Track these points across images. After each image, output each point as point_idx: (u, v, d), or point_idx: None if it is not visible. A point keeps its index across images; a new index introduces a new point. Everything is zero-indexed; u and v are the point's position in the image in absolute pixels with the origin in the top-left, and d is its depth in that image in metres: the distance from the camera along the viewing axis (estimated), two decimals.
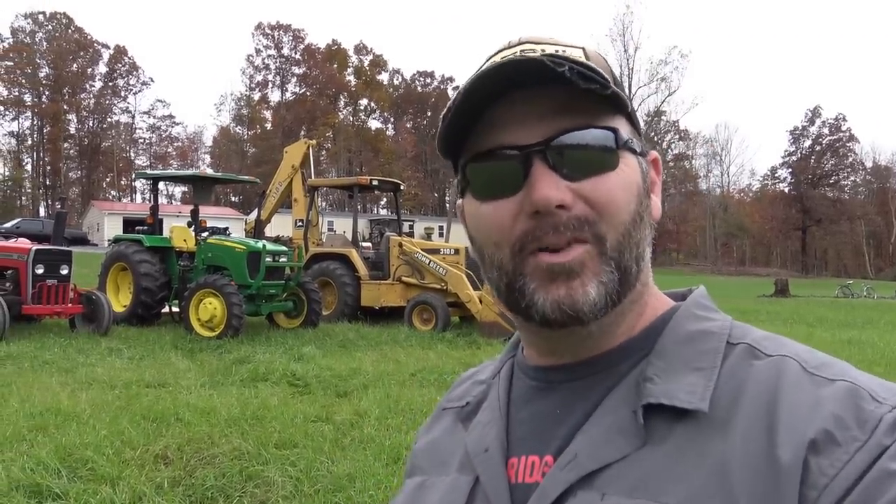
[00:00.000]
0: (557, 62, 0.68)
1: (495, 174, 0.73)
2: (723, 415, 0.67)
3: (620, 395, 0.72)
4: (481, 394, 0.86)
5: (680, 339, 0.74)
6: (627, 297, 0.74)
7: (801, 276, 72.38)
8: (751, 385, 0.68)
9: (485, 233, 0.75)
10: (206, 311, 11.35)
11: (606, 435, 0.69)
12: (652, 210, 0.78)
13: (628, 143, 0.74)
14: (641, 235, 0.74)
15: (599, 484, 0.67)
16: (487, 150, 0.74)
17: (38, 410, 6.03)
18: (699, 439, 0.66)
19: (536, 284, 0.71)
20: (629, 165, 0.74)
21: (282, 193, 17.02)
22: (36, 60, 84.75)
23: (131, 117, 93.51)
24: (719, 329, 0.75)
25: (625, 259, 0.72)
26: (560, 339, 0.76)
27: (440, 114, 0.77)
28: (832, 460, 0.60)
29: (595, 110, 0.72)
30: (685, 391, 0.68)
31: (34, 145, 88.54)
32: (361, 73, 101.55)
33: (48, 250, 11.45)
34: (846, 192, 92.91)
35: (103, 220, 56.45)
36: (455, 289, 13.48)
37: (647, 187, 0.77)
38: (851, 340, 13.38)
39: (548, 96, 0.71)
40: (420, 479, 0.86)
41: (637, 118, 0.79)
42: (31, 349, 9.52)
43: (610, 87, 0.70)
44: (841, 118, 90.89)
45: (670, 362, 0.72)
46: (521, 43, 0.76)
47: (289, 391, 7.47)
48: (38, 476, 4.38)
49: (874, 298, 36.45)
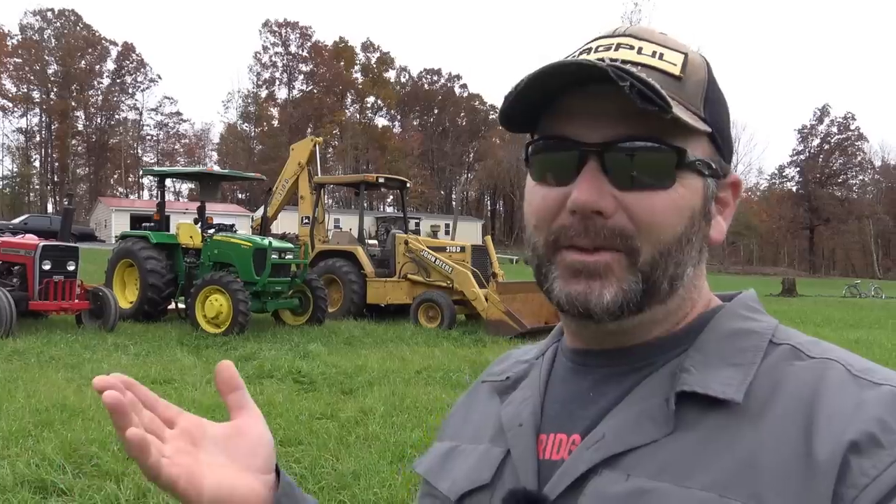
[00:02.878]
0: (620, 75, 0.66)
1: (551, 162, 0.74)
2: (757, 408, 0.66)
3: (655, 384, 0.72)
4: (523, 371, 0.87)
5: (721, 335, 0.74)
6: (655, 308, 0.74)
7: (809, 276, 72.15)
8: (790, 383, 0.68)
9: (531, 213, 0.76)
10: (212, 307, 11.37)
11: (636, 419, 0.70)
12: (711, 232, 0.77)
13: (695, 164, 0.72)
14: (685, 257, 0.73)
15: (625, 465, 0.68)
16: (551, 136, 0.74)
17: (44, 406, 6.05)
18: (730, 429, 0.66)
19: (558, 275, 0.73)
20: (688, 187, 0.72)
21: (288, 191, 17.04)
22: (44, 57, 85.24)
23: (139, 114, 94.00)
24: (763, 329, 0.74)
25: (655, 275, 0.71)
26: (583, 330, 0.77)
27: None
28: (874, 461, 0.60)
29: (669, 123, 0.69)
30: (720, 382, 0.68)
31: (42, 142, 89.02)
32: (368, 71, 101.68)
33: (55, 246, 11.48)
34: (854, 191, 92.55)
35: (110, 216, 56.70)
36: (461, 286, 13.47)
37: (709, 209, 0.76)
38: (859, 341, 13.30)
39: (622, 98, 0.68)
40: (451, 445, 0.87)
41: (726, 136, 0.77)
42: (37, 345, 9.55)
43: (670, 113, 0.67)
44: (850, 117, 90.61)
45: (708, 356, 0.72)
46: (623, 34, 0.76)
47: (294, 388, 7.47)
48: (44, 472, 4.39)
49: (882, 298, 36.32)
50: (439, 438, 0.92)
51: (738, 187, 0.81)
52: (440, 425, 0.96)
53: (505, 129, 0.80)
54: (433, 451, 0.90)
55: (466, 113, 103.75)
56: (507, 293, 12.82)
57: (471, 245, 14.77)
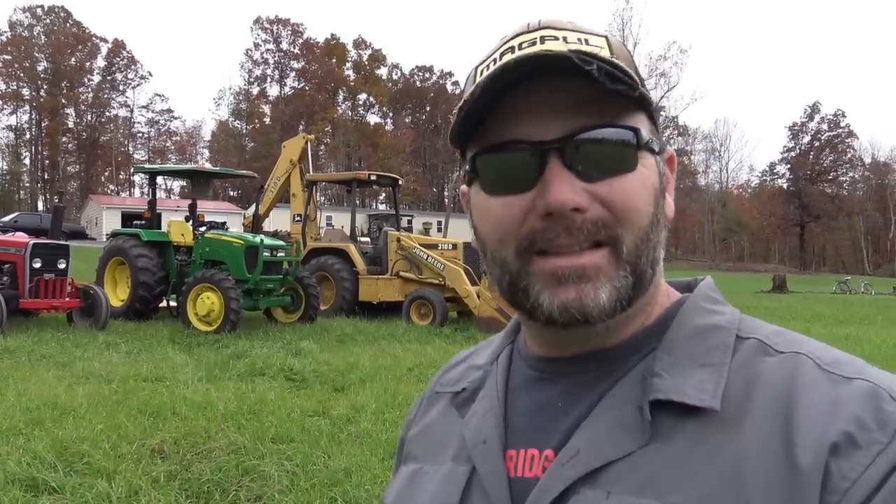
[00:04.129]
0: (585, 59, 0.64)
1: (507, 169, 0.70)
2: (734, 413, 0.64)
3: (625, 390, 0.69)
4: (478, 380, 0.82)
5: (687, 333, 0.72)
6: (640, 300, 0.72)
7: (800, 272, 72.46)
8: (763, 383, 0.66)
9: (490, 228, 0.72)
10: (204, 305, 11.34)
11: (610, 431, 0.67)
12: (666, 210, 0.75)
13: (648, 143, 0.71)
14: (658, 238, 0.72)
15: (604, 482, 0.65)
16: (501, 143, 0.70)
17: (35, 404, 6.03)
18: (710, 438, 0.64)
19: (542, 286, 0.69)
20: (647, 166, 0.71)
21: (280, 188, 17.00)
22: (34, 54, 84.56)
23: (130, 111, 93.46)
24: (728, 323, 0.72)
25: (641, 263, 0.70)
26: (564, 336, 0.74)
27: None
28: (853, 464, 0.59)
29: (616, 107, 0.69)
30: (695, 387, 0.66)
31: (32, 139, 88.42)
32: (360, 68, 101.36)
33: (46, 244, 11.44)
34: (845, 188, 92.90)
35: (101, 214, 56.43)
36: (453, 284, 13.49)
37: (663, 187, 0.74)
38: (849, 336, 13.39)
39: (566, 90, 0.67)
40: (414, 467, 0.83)
41: (657, 114, 0.76)
42: (28, 343, 9.51)
43: (638, 89, 0.67)
44: (840, 114, 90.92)
45: (678, 357, 0.70)
46: (540, 28, 0.73)
47: (286, 386, 7.47)
48: (35, 470, 4.37)
49: (872, 295, 36.55)
50: (403, 462, 0.88)
51: (674, 162, 0.78)
52: (400, 447, 0.91)
53: (455, 146, 0.76)
54: (399, 478, 0.85)
55: None
56: None
57: (463, 242, 14.76)
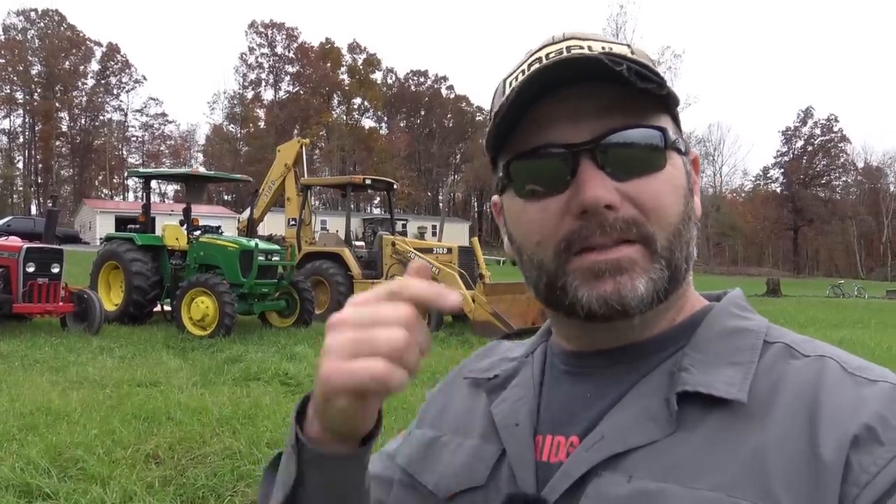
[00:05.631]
0: (615, 61, 0.67)
1: (541, 173, 0.72)
2: (760, 408, 0.66)
3: (653, 383, 0.72)
4: (512, 370, 0.85)
5: (717, 333, 0.74)
6: (673, 295, 0.74)
7: (793, 276, 72.65)
8: (790, 382, 0.68)
9: (527, 232, 0.74)
10: (198, 309, 11.31)
11: (636, 419, 0.69)
12: (695, 209, 0.77)
13: (675, 142, 0.74)
14: (690, 235, 0.74)
15: (626, 466, 0.67)
16: (533, 148, 0.72)
17: (29, 410, 6.00)
18: (734, 429, 0.66)
19: (580, 281, 0.71)
20: (675, 166, 0.74)
21: (274, 192, 16.98)
22: (28, 58, 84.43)
23: (124, 115, 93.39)
24: (756, 328, 0.75)
25: (675, 257, 0.72)
26: (601, 331, 0.75)
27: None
28: (875, 458, 0.61)
29: (643, 109, 0.71)
30: (723, 382, 0.68)
31: (26, 143, 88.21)
32: (355, 72, 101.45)
33: (39, 248, 11.38)
34: (838, 192, 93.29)
35: (95, 218, 56.23)
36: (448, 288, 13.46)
37: (691, 187, 0.76)
38: (842, 340, 13.41)
39: (595, 94, 0.70)
40: (432, 434, 0.86)
41: (679, 116, 0.78)
42: (21, 348, 9.47)
43: (666, 88, 0.69)
44: (833, 119, 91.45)
45: (707, 355, 0.72)
46: (565, 39, 0.75)
47: (281, 390, 7.45)
48: (28, 475, 4.35)
49: (865, 298, 36.65)
50: (417, 426, 0.90)
51: (698, 163, 0.81)
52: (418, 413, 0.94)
53: (488, 153, 0.79)
54: (412, 440, 0.88)
55: (453, 114, 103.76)
56: (494, 294, 12.84)
57: (458, 246, 14.79)
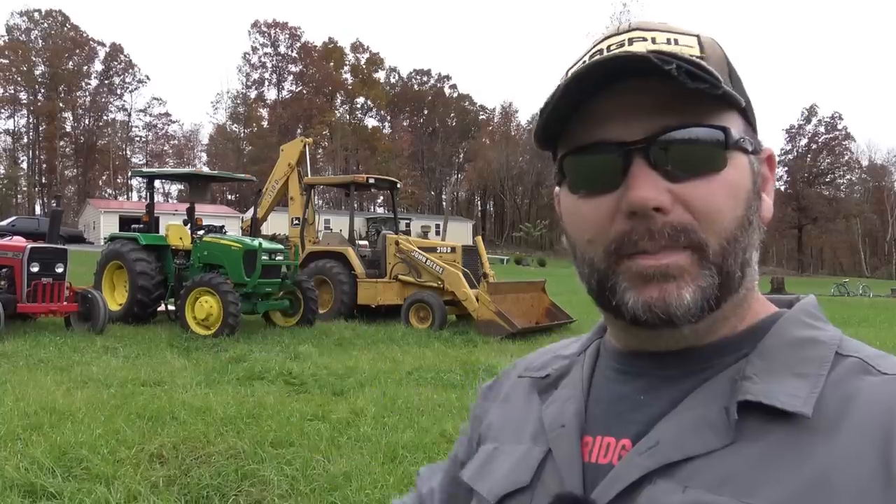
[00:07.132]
0: (664, 59, 0.64)
1: (593, 170, 0.70)
2: (827, 424, 0.63)
3: (713, 390, 0.68)
4: (563, 368, 0.84)
5: (784, 342, 0.71)
6: (728, 301, 0.70)
7: (798, 275, 72.59)
8: (863, 400, 0.64)
9: (579, 229, 0.73)
10: (202, 309, 11.32)
11: (694, 426, 0.66)
12: (763, 211, 0.74)
13: (739, 142, 0.70)
14: (749, 241, 0.71)
15: (681, 476, 0.64)
16: (586, 144, 0.71)
17: (33, 409, 6.00)
18: (798, 443, 0.62)
19: (628, 284, 0.69)
20: (738, 167, 0.70)
21: (278, 192, 17.01)
22: (32, 58, 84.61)
23: (127, 115, 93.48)
24: (828, 339, 0.71)
25: (728, 264, 0.68)
26: (649, 337, 0.73)
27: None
28: None
29: (704, 106, 0.68)
30: (787, 393, 0.65)
31: (30, 143, 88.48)
32: (358, 72, 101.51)
33: (43, 248, 11.41)
34: (842, 190, 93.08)
35: (99, 218, 56.34)
36: (452, 287, 13.46)
37: (758, 188, 0.73)
38: None
39: (652, 90, 0.67)
40: (493, 447, 0.84)
41: (753, 111, 0.74)
42: (26, 348, 9.48)
43: (721, 88, 0.65)
44: (837, 116, 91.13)
45: (772, 364, 0.68)
46: (630, 29, 0.74)
47: (285, 390, 7.45)
48: (33, 475, 4.35)
49: (870, 297, 36.59)
50: (483, 441, 0.89)
51: (773, 161, 0.78)
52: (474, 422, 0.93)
53: (540, 147, 0.77)
54: (478, 456, 0.86)
55: (456, 113, 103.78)
56: (498, 293, 12.84)
57: (461, 245, 14.76)
